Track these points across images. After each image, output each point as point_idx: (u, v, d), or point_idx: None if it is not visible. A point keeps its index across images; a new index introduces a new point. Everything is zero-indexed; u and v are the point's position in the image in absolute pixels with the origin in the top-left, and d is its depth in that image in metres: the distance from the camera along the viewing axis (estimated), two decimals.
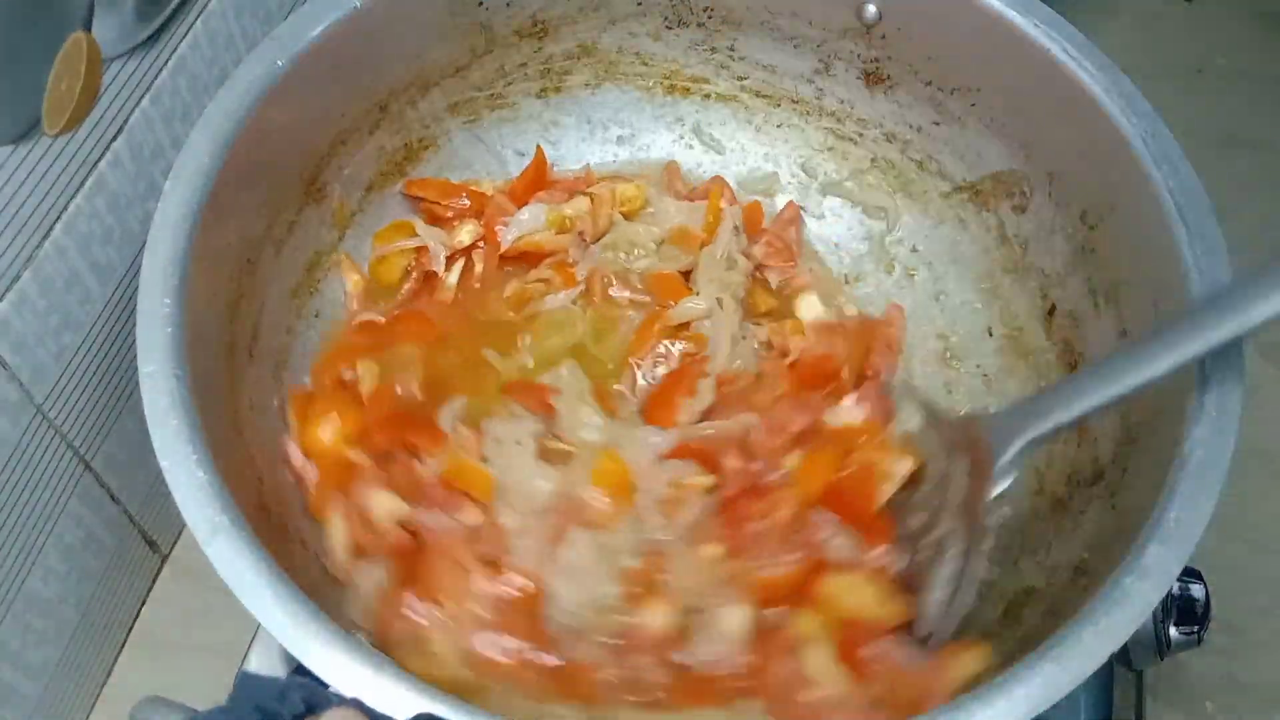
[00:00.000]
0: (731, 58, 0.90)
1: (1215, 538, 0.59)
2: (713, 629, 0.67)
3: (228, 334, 0.69)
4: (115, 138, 0.70)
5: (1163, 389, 0.66)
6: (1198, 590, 0.68)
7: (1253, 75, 1.26)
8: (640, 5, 0.87)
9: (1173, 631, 0.67)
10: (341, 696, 0.50)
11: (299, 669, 0.55)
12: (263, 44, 0.71)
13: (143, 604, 0.86)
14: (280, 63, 0.71)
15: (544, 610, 0.67)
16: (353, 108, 0.79)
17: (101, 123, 0.68)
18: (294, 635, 0.54)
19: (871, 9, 0.82)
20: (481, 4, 0.82)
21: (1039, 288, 0.82)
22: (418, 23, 0.79)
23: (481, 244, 0.84)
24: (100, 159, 0.69)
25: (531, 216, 0.84)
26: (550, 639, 0.67)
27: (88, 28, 0.64)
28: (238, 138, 0.67)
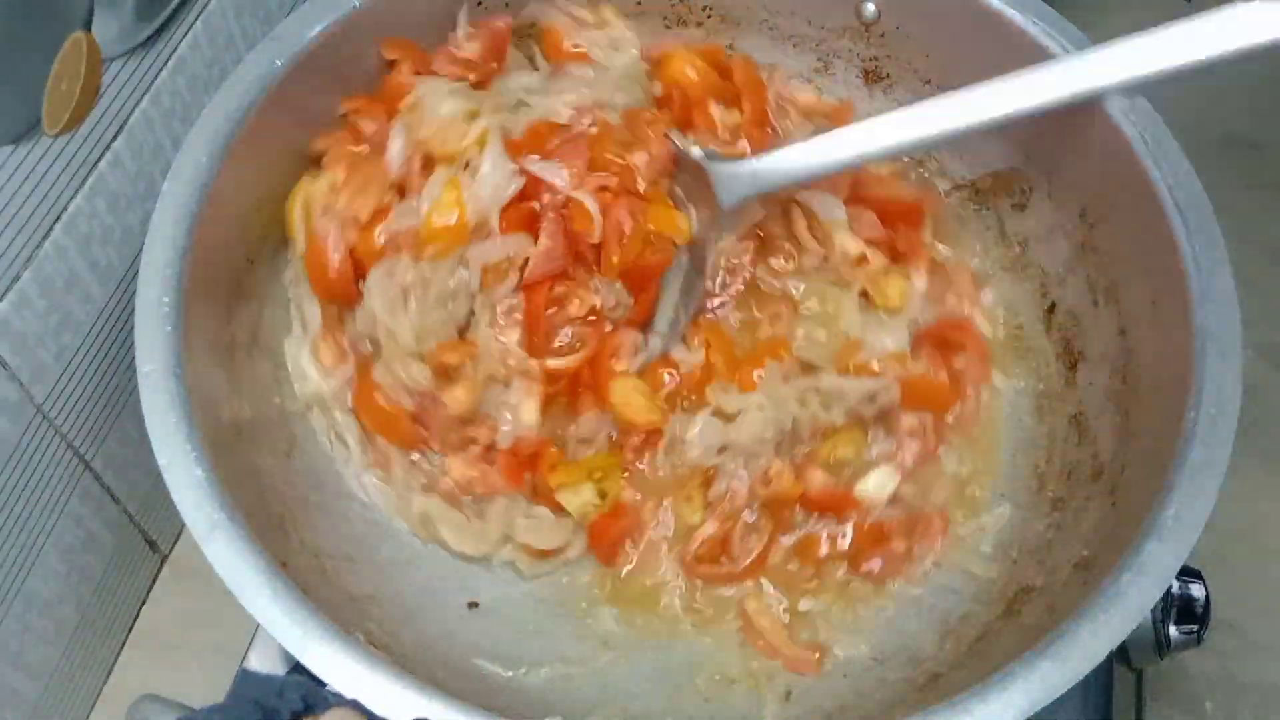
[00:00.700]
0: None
1: (1215, 538, 0.59)
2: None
3: (227, 333, 0.69)
4: (115, 138, 0.70)
5: (1164, 389, 0.66)
6: (1198, 590, 0.67)
7: (1253, 75, 1.26)
8: (640, 5, 0.86)
9: (1173, 631, 0.67)
10: (340, 696, 0.50)
11: (297, 668, 0.55)
12: (262, 44, 0.71)
13: (143, 604, 0.86)
14: (280, 63, 0.71)
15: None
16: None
17: (101, 123, 0.68)
18: (292, 634, 0.54)
19: (870, 7, 0.82)
20: (480, 4, 0.82)
21: (1039, 286, 0.82)
22: (416, 22, 0.79)
23: None
24: (100, 159, 0.69)
25: None
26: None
27: (88, 28, 0.65)
28: (237, 138, 0.68)
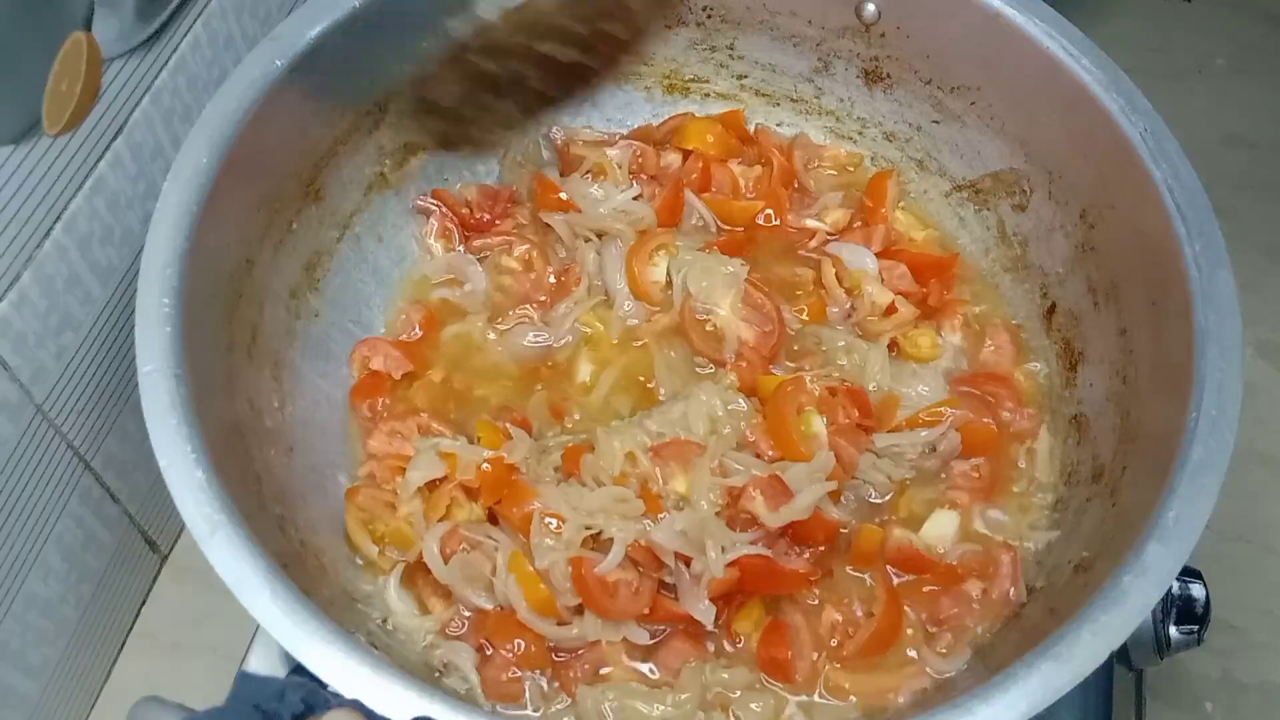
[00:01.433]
0: (731, 57, 0.90)
1: (1215, 538, 0.59)
2: None
3: (227, 333, 0.69)
4: (115, 138, 0.70)
5: (1164, 389, 0.66)
6: (1198, 590, 0.67)
7: (1253, 75, 1.26)
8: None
9: (1173, 631, 0.67)
10: (340, 697, 0.50)
11: (297, 669, 0.55)
12: (262, 44, 0.71)
13: (143, 604, 0.86)
14: (279, 63, 0.71)
15: None
16: (352, 107, 0.79)
17: (101, 123, 0.68)
18: (292, 634, 0.54)
19: (871, 8, 0.82)
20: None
21: (1039, 286, 0.82)
22: (416, 22, 0.79)
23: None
24: (100, 159, 0.69)
25: None
26: None
27: (88, 28, 0.64)
28: (237, 138, 0.68)
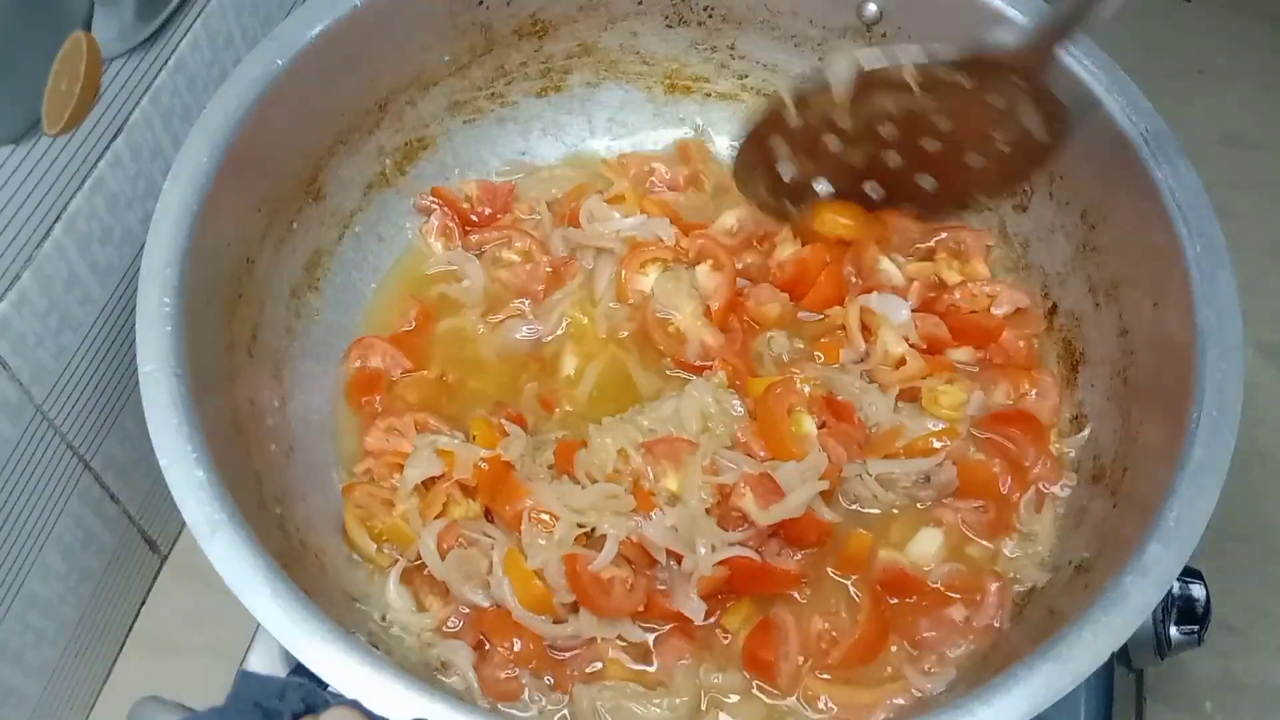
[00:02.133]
0: (732, 56, 0.90)
1: (1215, 538, 0.59)
2: None
3: (227, 333, 0.69)
4: (115, 138, 0.70)
5: (1164, 389, 0.66)
6: (1198, 590, 0.67)
7: (1253, 75, 1.26)
8: (641, 4, 0.86)
9: (1173, 631, 0.67)
10: (340, 697, 0.50)
11: (297, 669, 0.55)
12: (262, 44, 0.71)
13: (143, 604, 0.86)
14: (279, 62, 0.71)
15: None
16: (352, 107, 0.79)
17: (101, 123, 0.68)
18: (292, 634, 0.54)
19: (872, 7, 0.82)
20: (481, 3, 0.82)
21: (1039, 286, 0.82)
22: (417, 22, 0.79)
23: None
24: (100, 159, 0.69)
25: None
26: None
27: (88, 28, 0.64)
28: (236, 137, 0.68)
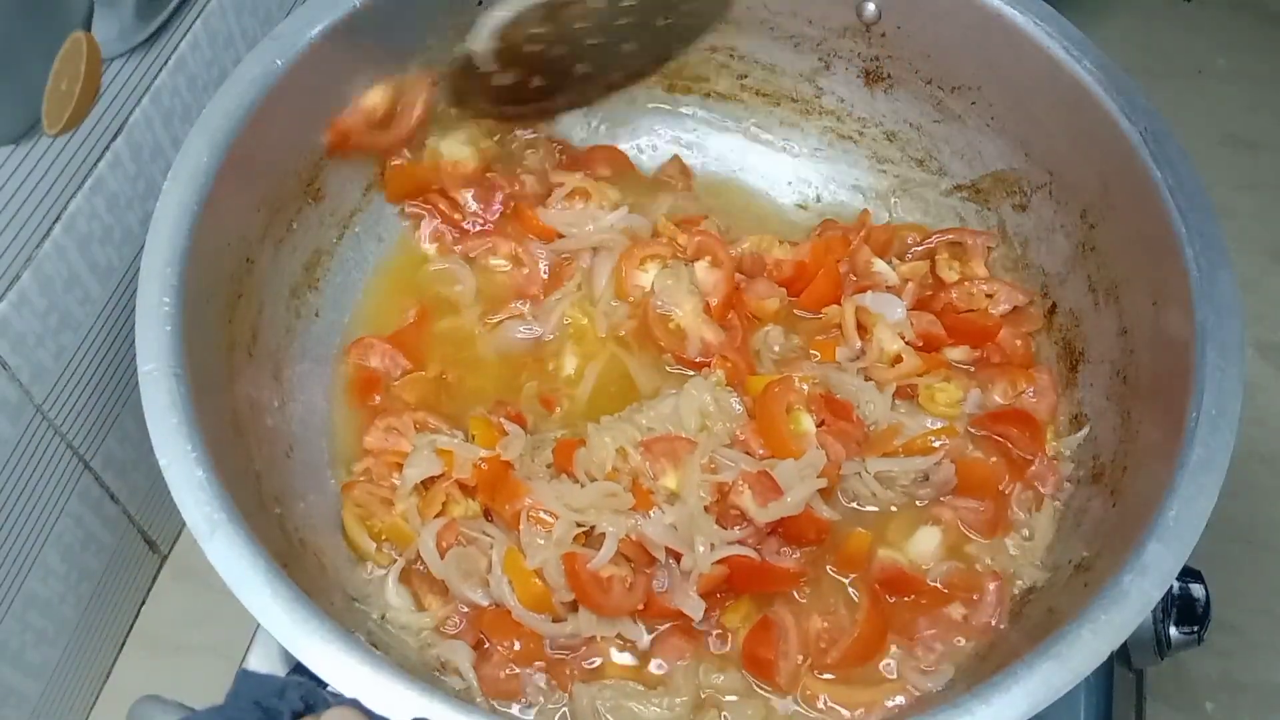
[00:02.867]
0: (732, 57, 0.90)
1: (1215, 538, 0.59)
2: None
3: (227, 332, 0.69)
4: (115, 138, 0.70)
5: (1164, 389, 0.66)
6: (1198, 590, 0.67)
7: (1253, 75, 1.26)
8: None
9: (1173, 631, 0.67)
10: (340, 696, 0.50)
11: (297, 668, 0.55)
12: (262, 44, 0.71)
13: (143, 604, 0.86)
14: (279, 62, 0.71)
15: None
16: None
17: (101, 123, 0.68)
18: (292, 633, 0.54)
19: (871, 7, 0.82)
20: (480, 3, 0.81)
21: (1039, 286, 0.82)
22: (416, 22, 0.79)
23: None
24: (100, 159, 0.69)
25: None
26: None
27: (88, 28, 0.64)
28: (236, 137, 0.68)
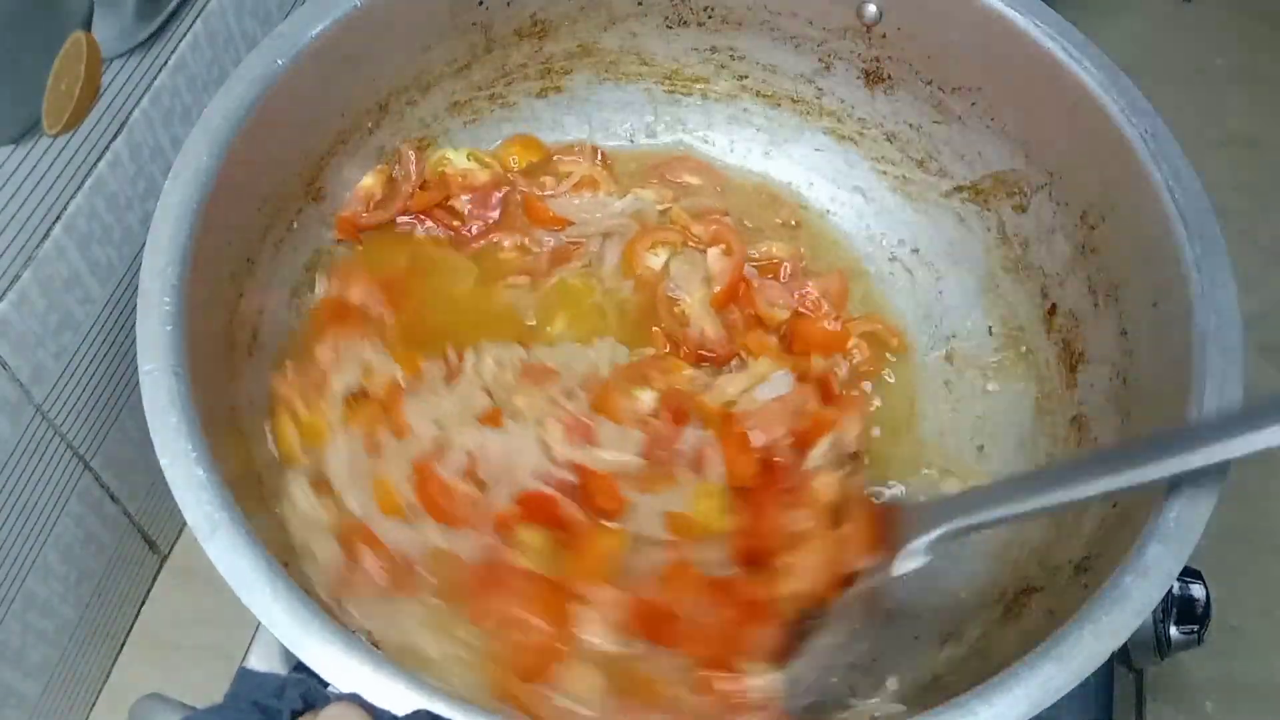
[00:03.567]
0: (732, 57, 0.90)
1: (1215, 538, 0.59)
2: None
3: (227, 332, 0.69)
4: (115, 138, 0.70)
5: (1164, 389, 0.66)
6: (1198, 590, 0.68)
7: (1253, 75, 1.26)
8: (640, 5, 0.86)
9: (1173, 631, 0.67)
10: (340, 693, 0.50)
11: (298, 668, 0.55)
12: (262, 44, 0.71)
13: (142, 604, 0.86)
14: (280, 62, 0.71)
15: None
16: (352, 107, 0.79)
17: (101, 123, 0.68)
18: (293, 633, 0.53)
19: (872, 8, 0.82)
20: (481, 3, 0.82)
21: (1039, 287, 0.82)
22: (417, 22, 0.79)
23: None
24: (100, 159, 0.69)
25: None
26: None
27: (88, 28, 0.64)
28: (237, 137, 0.68)
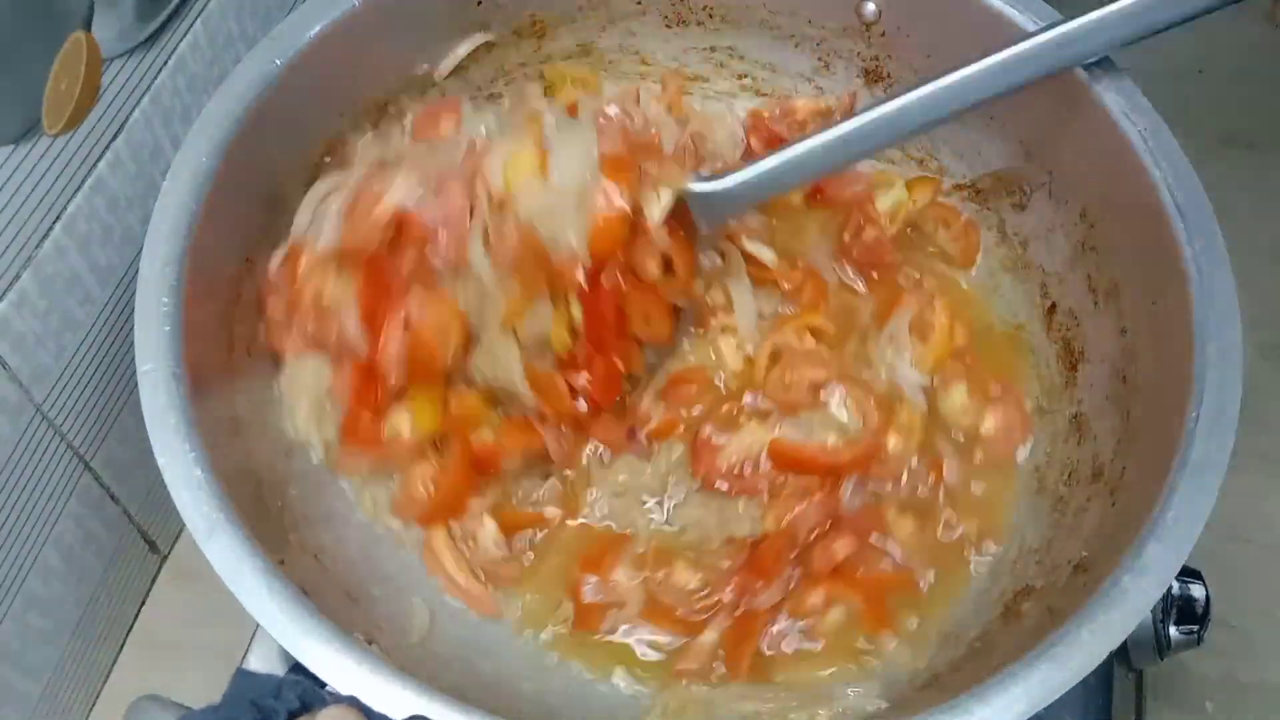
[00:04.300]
0: (731, 56, 0.90)
1: (1215, 538, 0.59)
2: None
3: (226, 333, 0.69)
4: (115, 138, 0.70)
5: (1164, 389, 0.66)
6: (1198, 590, 0.67)
7: (1253, 75, 1.26)
8: (640, 4, 0.86)
9: (1173, 631, 0.67)
10: (337, 695, 0.50)
11: (296, 668, 0.55)
12: (261, 44, 0.71)
13: (142, 604, 0.86)
14: (279, 62, 0.71)
15: None
16: (352, 107, 0.79)
17: (101, 123, 0.68)
18: (290, 633, 0.54)
19: (871, 7, 0.82)
20: (480, 3, 0.82)
21: (1039, 286, 0.82)
22: (416, 22, 0.79)
23: None
24: (100, 159, 0.69)
25: None
26: None
27: (88, 28, 0.64)
28: (236, 137, 0.68)
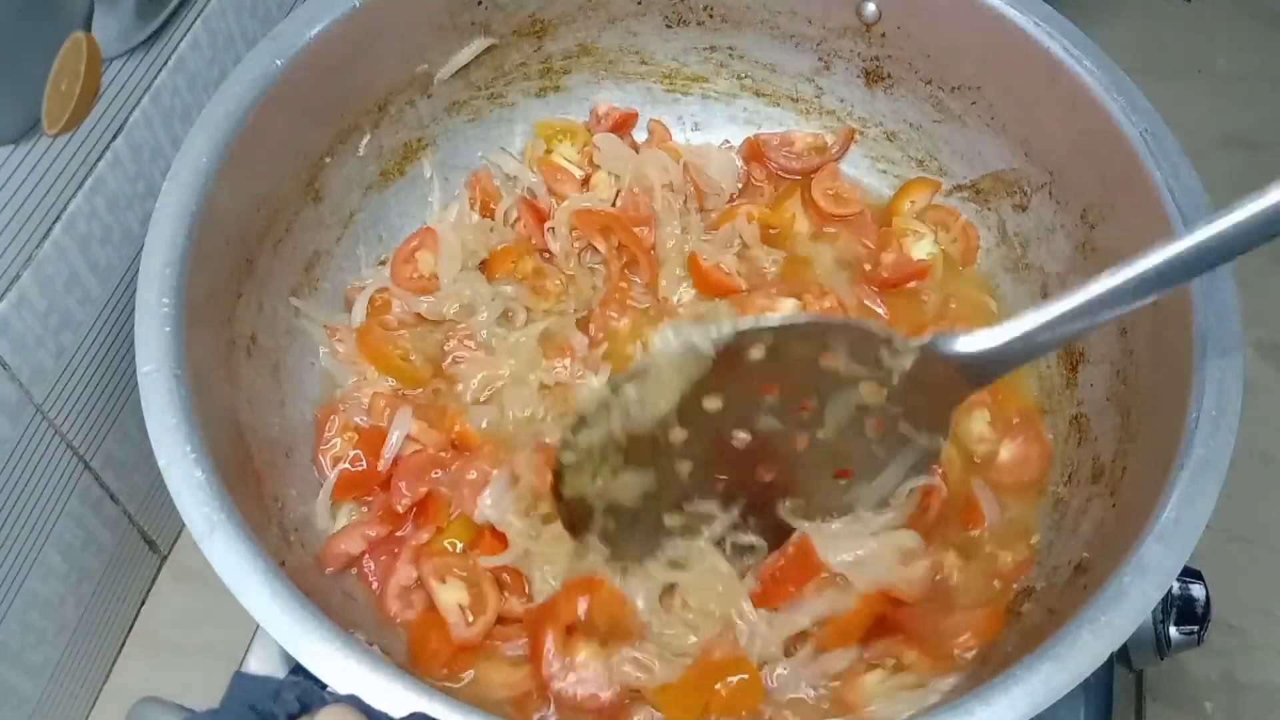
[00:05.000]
0: (731, 56, 0.90)
1: (1215, 538, 0.59)
2: None
3: (226, 333, 0.69)
4: (115, 138, 0.70)
5: (1164, 389, 0.66)
6: (1198, 590, 0.67)
7: (1253, 75, 1.26)
8: (640, 4, 0.86)
9: (1173, 631, 0.67)
10: (337, 695, 0.50)
11: (297, 669, 0.55)
12: (261, 44, 0.71)
13: (142, 604, 0.86)
14: (279, 63, 0.71)
15: None
16: (352, 107, 0.79)
17: (101, 123, 0.68)
18: (290, 633, 0.54)
19: (871, 7, 0.82)
20: (480, 3, 0.82)
21: (1039, 286, 0.82)
22: (416, 22, 0.79)
23: None
24: (100, 159, 0.69)
25: None
26: None
27: (88, 28, 0.64)
28: (236, 138, 0.68)
